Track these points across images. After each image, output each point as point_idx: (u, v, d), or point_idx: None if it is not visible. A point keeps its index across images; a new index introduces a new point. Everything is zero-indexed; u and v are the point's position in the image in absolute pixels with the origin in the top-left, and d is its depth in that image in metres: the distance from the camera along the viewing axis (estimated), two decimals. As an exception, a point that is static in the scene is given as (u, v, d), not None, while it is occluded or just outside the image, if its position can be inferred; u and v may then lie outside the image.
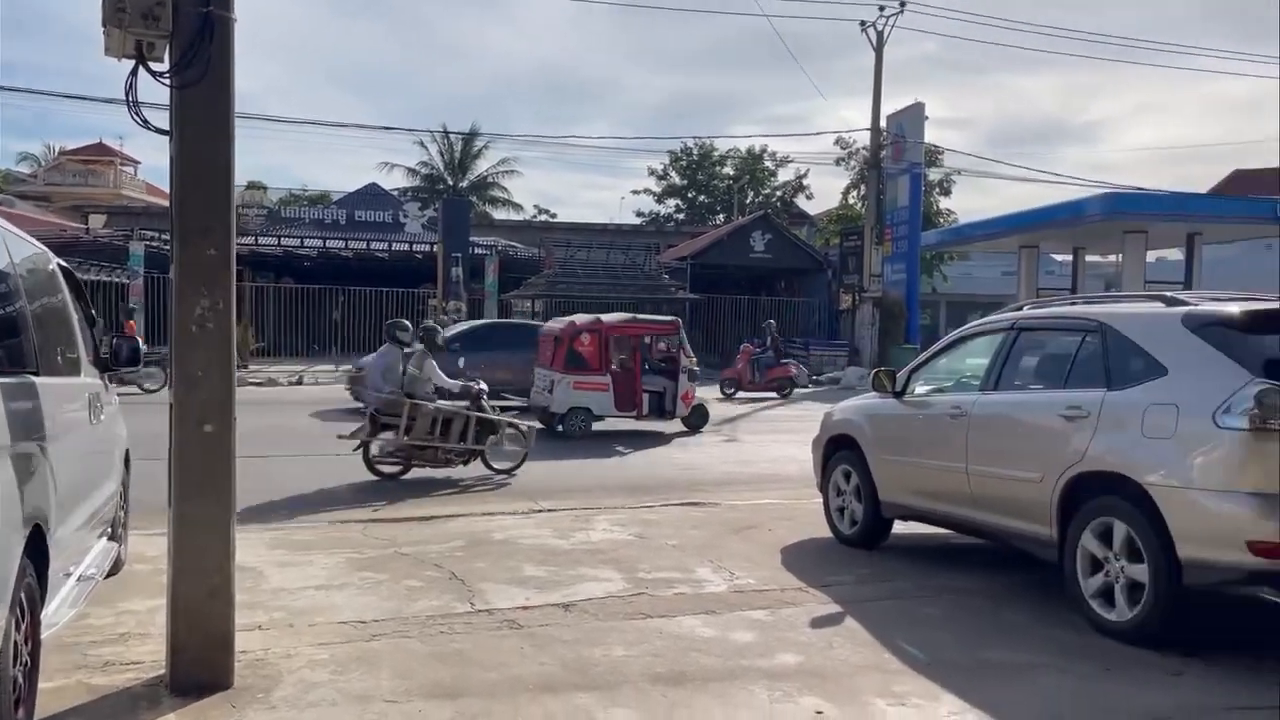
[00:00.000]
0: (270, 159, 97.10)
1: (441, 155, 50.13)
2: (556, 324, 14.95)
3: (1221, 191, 44.58)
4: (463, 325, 20.49)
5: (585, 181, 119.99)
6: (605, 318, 14.86)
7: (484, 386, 10.78)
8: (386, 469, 10.19)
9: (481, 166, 50.96)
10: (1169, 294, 5.85)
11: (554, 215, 55.21)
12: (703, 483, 10.41)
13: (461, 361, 14.89)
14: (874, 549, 7.19)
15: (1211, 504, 4.62)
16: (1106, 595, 5.12)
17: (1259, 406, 4.49)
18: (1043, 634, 5.17)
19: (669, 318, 16.08)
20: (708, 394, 18.72)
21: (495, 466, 10.45)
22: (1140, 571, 4.91)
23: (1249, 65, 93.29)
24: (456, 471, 10.38)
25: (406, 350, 10.39)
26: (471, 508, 8.60)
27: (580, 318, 15.00)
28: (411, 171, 49.94)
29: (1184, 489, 4.72)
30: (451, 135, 48.90)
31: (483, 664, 4.62)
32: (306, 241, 34.26)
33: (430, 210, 37.91)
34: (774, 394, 21.66)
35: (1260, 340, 4.88)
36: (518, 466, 10.51)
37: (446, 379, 10.51)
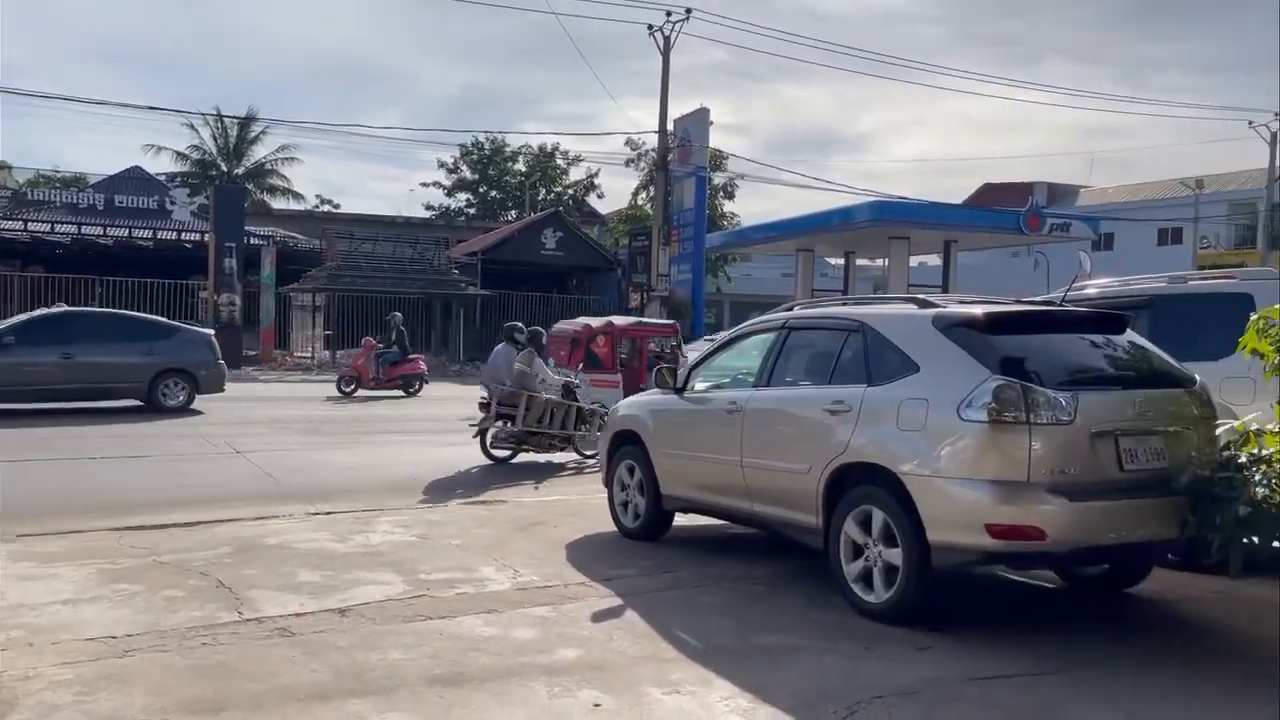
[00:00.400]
0: (18, 138, 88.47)
1: (215, 140, 47.35)
2: (570, 326, 15.36)
3: (974, 203, 48.44)
4: (24, 316, 17.48)
5: (373, 172, 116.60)
6: (616, 320, 15.84)
7: (578, 381, 12.19)
8: (500, 453, 11.74)
9: (259, 153, 48.55)
10: (921, 296, 6.30)
11: (337, 206, 53.36)
12: (493, 481, 10.33)
13: None
14: (657, 541, 7.36)
15: (956, 491, 5.01)
16: (866, 579, 5.46)
17: (996, 401, 4.90)
18: (811, 617, 5.45)
19: (668, 321, 17.84)
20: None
21: (585, 453, 11.78)
22: (895, 555, 5.26)
23: (999, 88, 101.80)
24: (558, 456, 11.98)
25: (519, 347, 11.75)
26: (241, 512, 8.16)
27: (592, 320, 15.76)
28: (181, 156, 46.92)
29: (933, 478, 5.09)
30: (226, 119, 46.26)
31: (249, 675, 4.40)
32: (59, 227, 31.50)
33: (201, 197, 35.72)
34: (400, 391, 20.77)
35: (999, 340, 5.33)
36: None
37: (550, 374, 11.94)
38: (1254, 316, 5.11)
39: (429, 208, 53.22)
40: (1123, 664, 4.76)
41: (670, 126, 29.48)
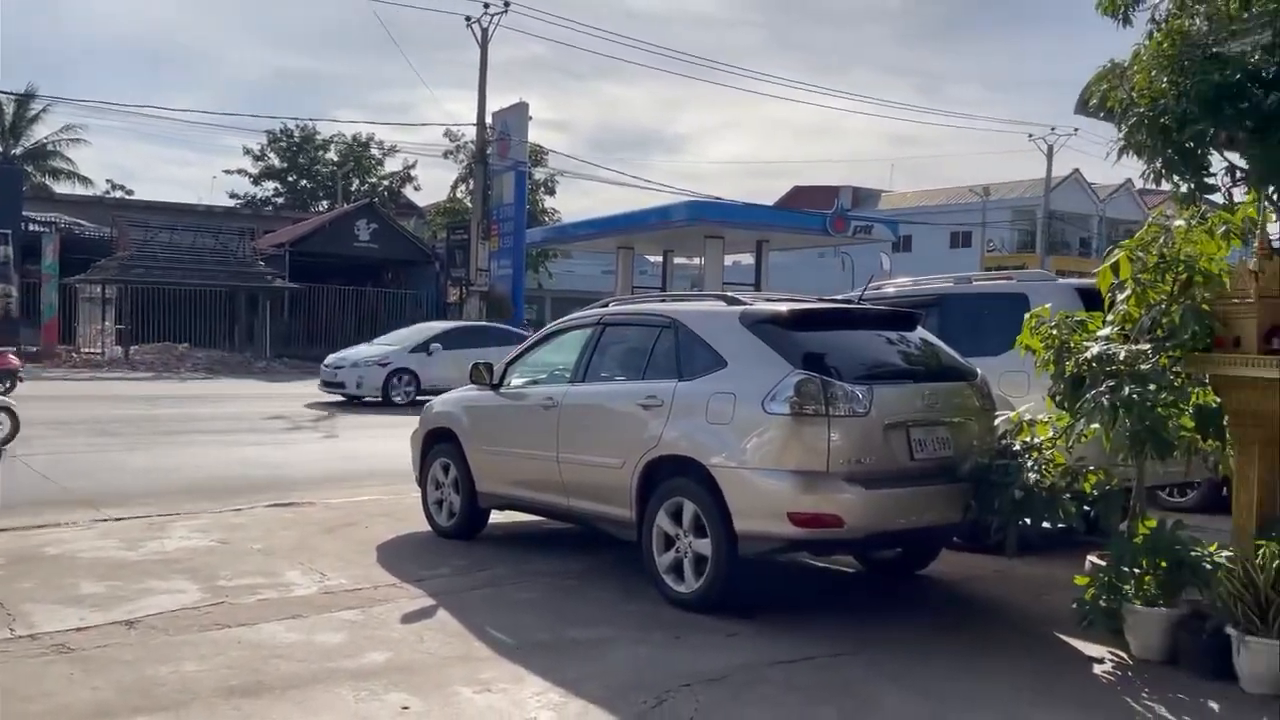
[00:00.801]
0: None
1: (-12, 117, 43.43)
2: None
3: (785, 204, 50.22)
4: None
5: (170, 157, 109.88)
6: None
7: None
8: None
9: (40, 132, 44.92)
10: (730, 294, 6.50)
11: (130, 192, 50.05)
12: (299, 482, 9.94)
13: None
14: (472, 540, 7.28)
15: (761, 481, 5.19)
16: (677, 569, 5.58)
17: (797, 394, 5.11)
18: (625, 610, 5.52)
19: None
20: None
21: None
22: (705, 546, 5.40)
23: (811, 94, 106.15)
24: None
25: None
26: (17, 521, 7.52)
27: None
28: (-54, 133, 42.77)
29: (739, 469, 5.26)
30: (1, 95, 42.51)
31: (22, 696, 4.07)
32: None
33: (-29, 179, 32.64)
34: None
35: (801, 336, 5.56)
36: None
37: None
38: (1027, 315, 5.55)
39: (234, 196, 50.66)
40: (915, 642, 5.06)
41: (489, 120, 29.18)
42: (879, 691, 4.35)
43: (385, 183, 51.89)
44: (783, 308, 5.74)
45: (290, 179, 51.29)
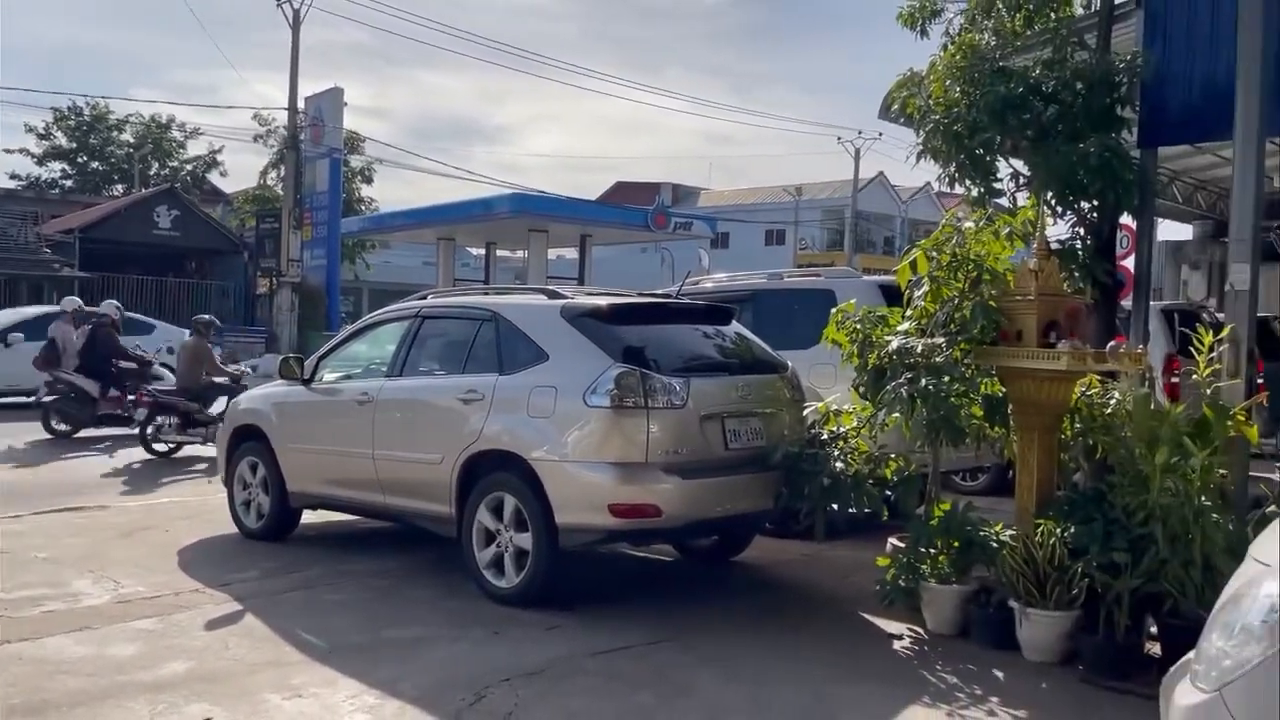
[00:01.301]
0: None
1: None
2: None
3: (607, 199, 50.56)
4: None
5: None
6: None
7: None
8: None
9: None
10: (551, 288, 6.50)
11: (-108, 170, 45.21)
12: (87, 486, 9.27)
13: None
14: (283, 541, 6.99)
15: (582, 474, 5.22)
16: (498, 564, 5.54)
17: (617, 387, 5.17)
18: (442, 607, 5.44)
19: None
20: None
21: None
22: (526, 540, 5.38)
23: (631, 90, 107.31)
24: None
25: None
26: None
27: None
28: None
29: (561, 462, 5.27)
30: None
31: None
32: None
33: None
34: None
35: (621, 330, 5.62)
36: None
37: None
38: (833, 310, 5.80)
39: (14, 177, 46.59)
40: (730, 626, 5.21)
41: (302, 104, 28.01)
42: (695, 676, 4.45)
43: (188, 167, 48.92)
44: (603, 302, 5.78)
45: (80, 160, 47.63)
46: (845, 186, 44.92)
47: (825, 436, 5.81)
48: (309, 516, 7.19)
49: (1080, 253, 5.81)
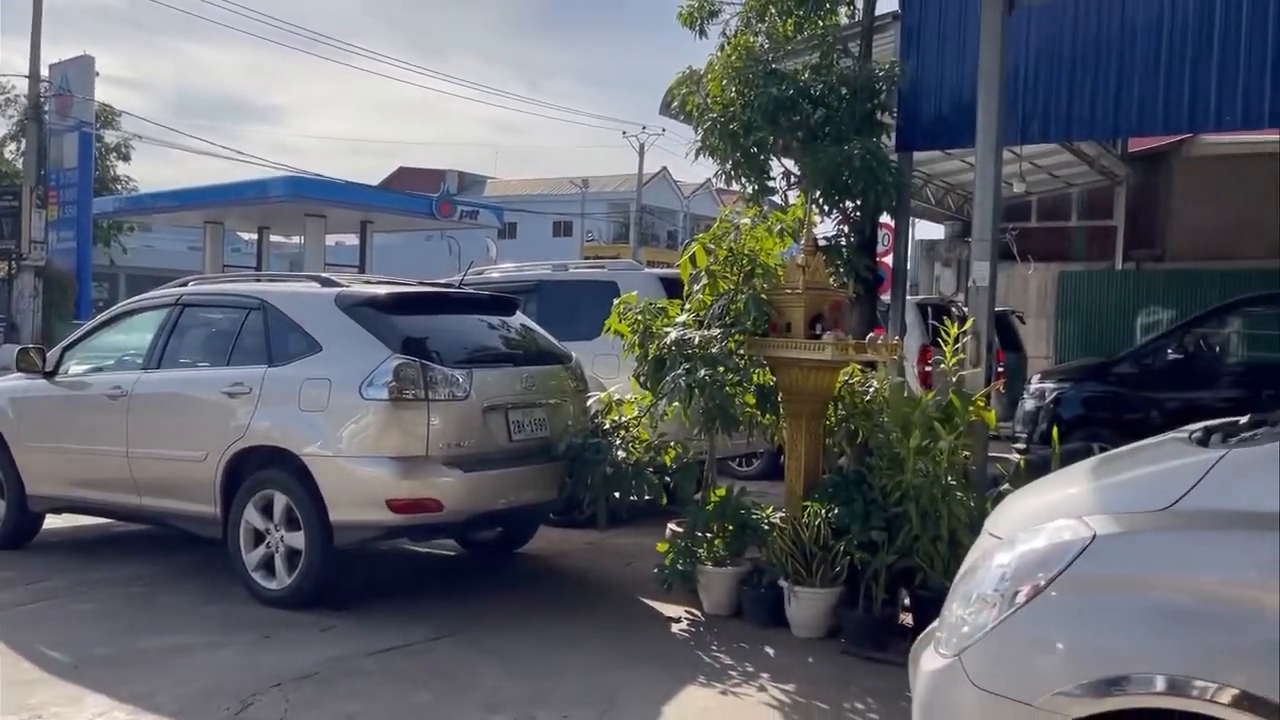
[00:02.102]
0: None
1: None
2: None
3: (389, 185, 49.20)
4: None
5: None
6: None
7: None
8: None
9: None
10: (325, 275, 6.24)
11: None
12: None
13: None
14: (23, 549, 6.39)
15: (359, 469, 5.05)
16: (268, 566, 5.28)
17: (396, 379, 5.03)
18: (205, 613, 5.13)
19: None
20: None
21: None
22: (298, 539, 5.15)
23: (414, 75, 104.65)
24: None
25: None
26: None
27: None
28: None
29: (335, 458, 5.07)
30: None
31: None
32: None
33: None
34: None
35: (400, 320, 5.47)
36: None
37: None
38: (616, 302, 5.89)
39: None
40: (512, 618, 5.19)
41: (46, 72, 25.59)
42: (477, 671, 4.41)
43: (-93, 135, 43.67)
44: (381, 290, 5.61)
45: None
46: (631, 180, 45.69)
47: (608, 426, 5.89)
48: (56, 521, 6.61)
49: (844, 249, 6.15)
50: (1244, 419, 2.65)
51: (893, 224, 7.46)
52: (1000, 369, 6.17)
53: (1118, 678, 2.14)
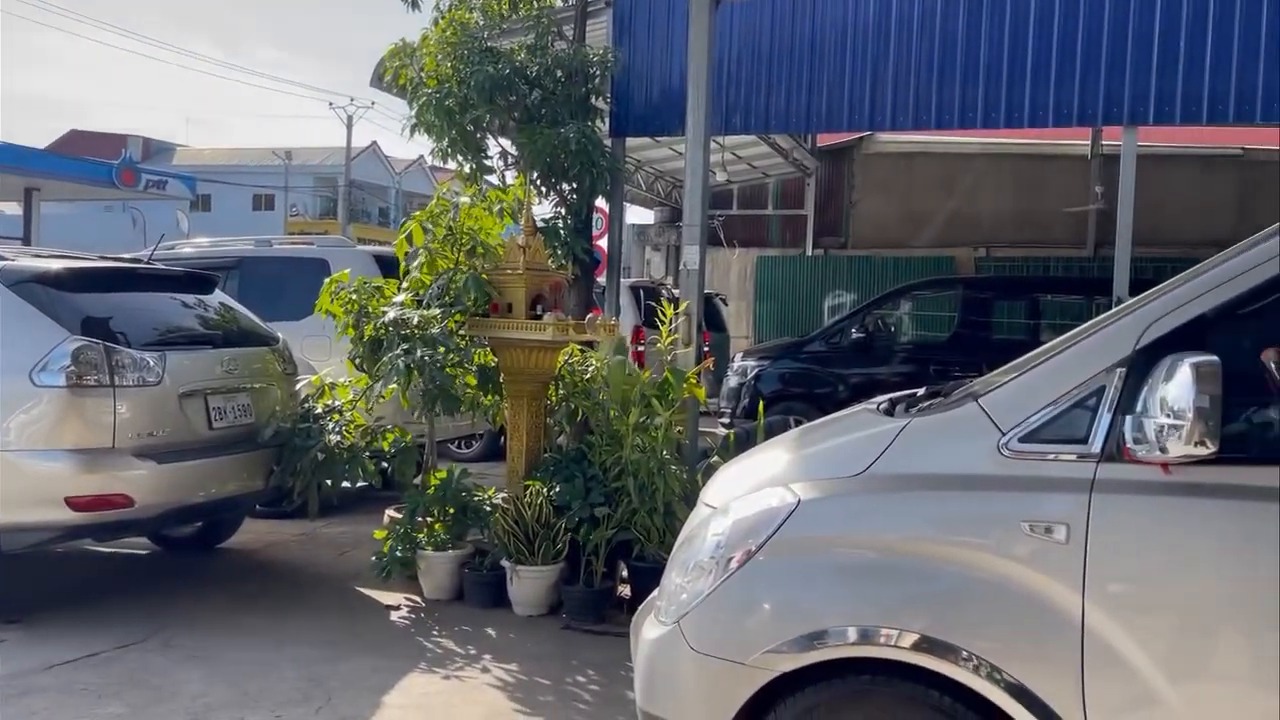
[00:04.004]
0: None
1: None
2: None
3: (61, 149, 44.21)
4: None
5: None
6: None
7: None
8: None
9: None
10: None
11: None
12: None
13: None
14: None
15: (29, 465, 4.51)
16: (-83, 578, 4.62)
17: (75, 363, 4.54)
18: None
19: None
20: None
21: None
22: (-47, 546, 4.54)
23: (90, 29, 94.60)
24: None
25: None
26: None
27: None
28: None
29: (2, 453, 4.51)
30: None
31: None
32: None
33: None
34: None
35: (80, 298, 4.93)
36: None
37: None
38: (327, 280, 5.63)
39: None
40: (216, 618, 4.85)
41: None
42: (178, 677, 4.09)
43: None
44: (55, 265, 5.03)
45: None
46: (338, 154, 43.83)
47: (320, 410, 5.64)
48: None
49: (562, 231, 6.24)
50: (922, 391, 2.95)
51: (607, 208, 7.64)
52: (707, 348, 6.50)
53: (818, 632, 2.32)
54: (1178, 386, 2.00)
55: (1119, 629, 2.10)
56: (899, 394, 3.03)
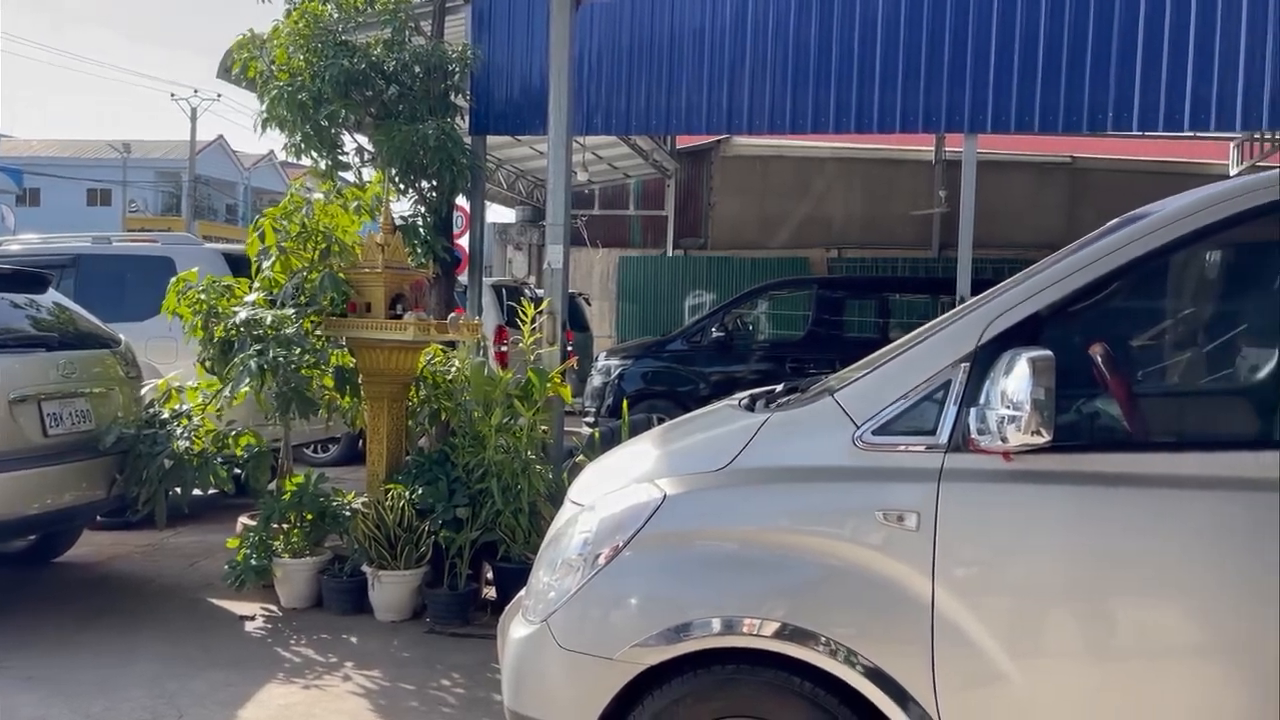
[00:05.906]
0: None
1: None
2: None
3: None
4: None
5: None
6: None
7: None
8: None
9: None
10: None
11: None
12: None
13: None
14: None
15: None
16: None
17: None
18: None
19: None
20: None
21: None
22: None
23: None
24: None
25: None
26: None
27: None
28: None
29: None
30: None
31: None
32: None
33: None
34: None
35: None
36: None
37: None
38: (173, 280, 5.38)
39: None
40: (55, 637, 4.58)
41: None
42: (12, 700, 3.83)
43: None
44: None
45: None
46: (181, 148, 41.85)
47: (166, 415, 5.38)
48: None
49: (422, 229, 6.13)
50: (780, 387, 3.04)
51: (468, 206, 7.56)
52: (571, 348, 6.52)
53: (684, 624, 2.37)
54: (1016, 379, 2.13)
55: (966, 611, 2.21)
56: (759, 390, 3.11)
